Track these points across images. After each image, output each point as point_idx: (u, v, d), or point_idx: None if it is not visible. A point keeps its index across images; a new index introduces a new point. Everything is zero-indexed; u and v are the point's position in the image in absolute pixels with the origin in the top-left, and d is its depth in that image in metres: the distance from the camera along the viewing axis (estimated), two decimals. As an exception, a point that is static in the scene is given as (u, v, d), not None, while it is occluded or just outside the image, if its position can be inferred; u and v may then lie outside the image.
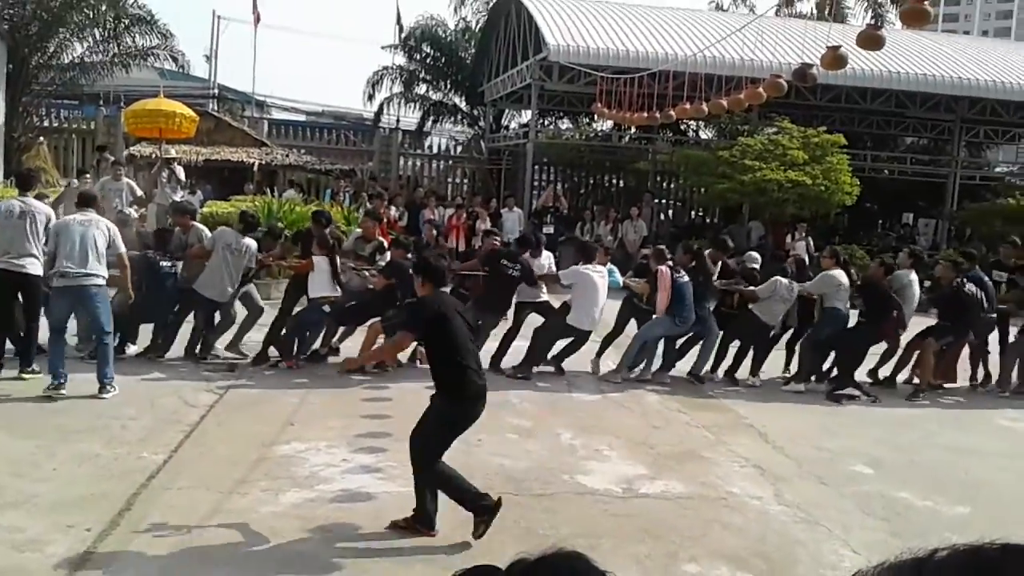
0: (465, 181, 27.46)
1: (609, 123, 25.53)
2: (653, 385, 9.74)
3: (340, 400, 8.25)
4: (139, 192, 13.66)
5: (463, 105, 29.38)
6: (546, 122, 27.50)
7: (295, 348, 9.48)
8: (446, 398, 5.29)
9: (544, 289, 10.21)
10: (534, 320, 10.19)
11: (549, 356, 9.93)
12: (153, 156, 18.55)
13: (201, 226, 10.06)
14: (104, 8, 24.99)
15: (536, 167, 23.58)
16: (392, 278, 9.24)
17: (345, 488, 5.96)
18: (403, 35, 29.11)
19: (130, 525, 5.10)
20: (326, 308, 9.41)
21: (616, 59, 18.82)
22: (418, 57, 29.01)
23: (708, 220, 26.00)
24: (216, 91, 31.54)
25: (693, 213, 26.83)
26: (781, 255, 10.59)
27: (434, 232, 16.49)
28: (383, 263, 9.84)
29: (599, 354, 10.10)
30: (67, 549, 4.72)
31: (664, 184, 26.32)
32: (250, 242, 9.50)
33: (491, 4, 26.89)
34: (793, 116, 20.42)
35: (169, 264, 9.29)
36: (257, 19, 31.29)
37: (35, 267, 7.99)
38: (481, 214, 17.37)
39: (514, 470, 6.54)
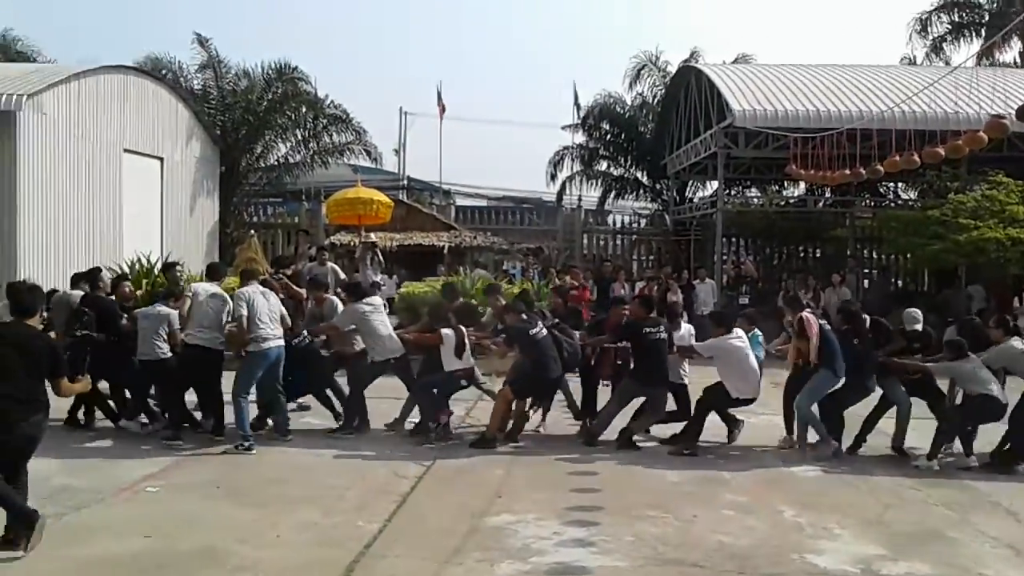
0: (651, 257, 27.16)
1: (802, 188, 24.70)
2: (821, 462, 8.74)
3: (545, 473, 8.07)
4: (342, 275, 14.27)
5: (645, 179, 29.32)
6: (732, 191, 26.93)
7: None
8: None
9: (686, 367, 9.69)
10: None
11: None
12: (352, 244, 19.53)
13: (334, 298, 10.34)
14: (304, 110, 27.02)
15: (725, 237, 23.01)
16: (513, 344, 9.30)
17: (559, 561, 5.74)
18: (582, 114, 29.59)
19: (350, 590, 5.09)
20: (464, 382, 9.34)
21: (807, 120, 18.15)
22: (597, 135, 29.33)
23: (918, 288, 24.15)
24: (405, 182, 33.15)
25: (900, 281, 25.08)
26: (1007, 320, 9.48)
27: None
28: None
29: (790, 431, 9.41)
30: (294, 614, 4.72)
31: (864, 251, 24.95)
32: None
33: (669, 77, 26.92)
34: (1007, 170, 18.87)
35: (300, 338, 9.55)
36: (442, 111, 32.89)
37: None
38: (672, 286, 17.00)
39: (736, 547, 6.10)
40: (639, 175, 29.40)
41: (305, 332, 9.63)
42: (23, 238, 16.69)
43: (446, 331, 9.24)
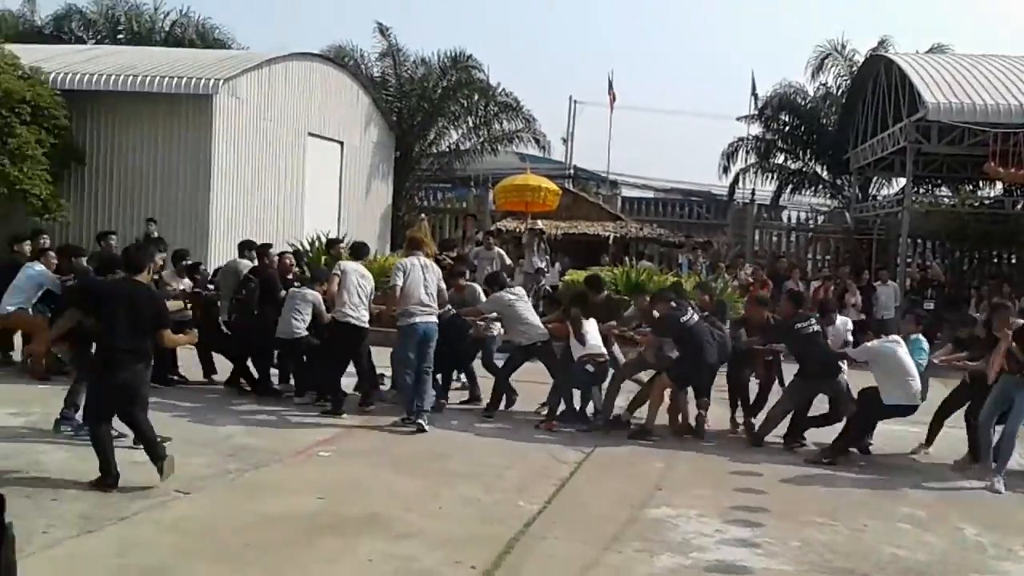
0: (827, 256, 25.99)
1: (999, 189, 22.95)
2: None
3: (707, 469, 7.86)
4: (508, 261, 14.45)
5: (824, 174, 28.08)
6: (921, 189, 25.36)
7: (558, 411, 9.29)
8: None
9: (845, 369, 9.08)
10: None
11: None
12: (517, 230, 19.72)
13: (475, 285, 10.49)
14: (476, 97, 27.52)
15: (910, 238, 21.71)
16: (665, 334, 9.11)
17: (721, 559, 5.57)
18: (759, 105, 28.63)
19: (511, 568, 5.15)
20: (590, 367, 9.08)
21: (1009, 115, 16.80)
22: (775, 126, 28.31)
23: None
24: (572, 171, 33.14)
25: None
26: None
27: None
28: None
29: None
30: (456, 583, 4.81)
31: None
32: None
33: (856, 67, 25.63)
34: None
35: (446, 309, 9.55)
36: (612, 101, 32.63)
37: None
38: (850, 286, 16.17)
39: (911, 561, 5.74)
40: (818, 169, 28.19)
41: (450, 306, 9.68)
42: (215, 211, 17.89)
43: (574, 320, 9.17)
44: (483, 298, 10.00)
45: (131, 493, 5.98)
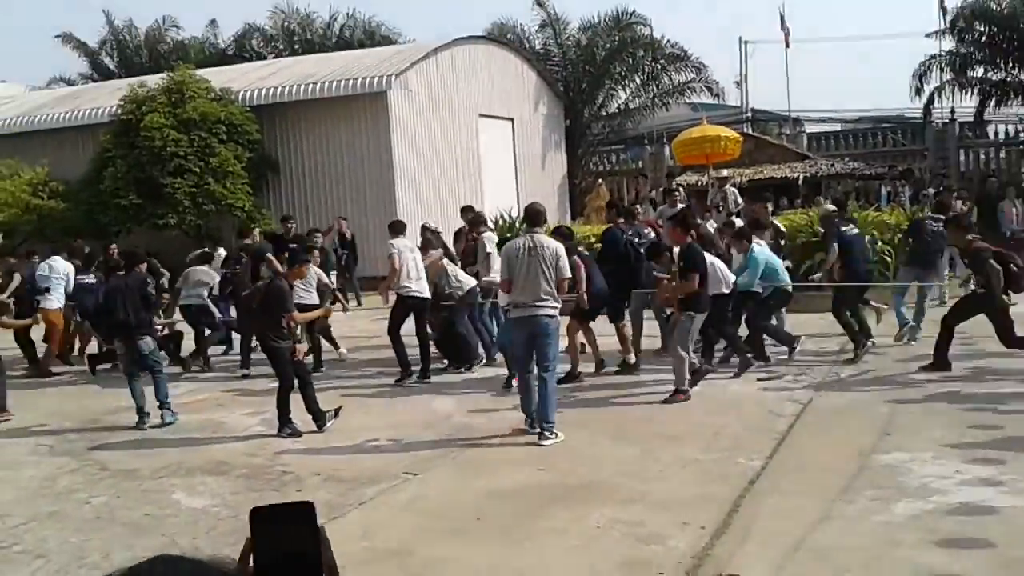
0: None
1: None
2: None
3: (938, 411, 7.39)
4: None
5: (1034, 81, 25.54)
6: None
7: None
8: None
9: None
10: None
11: None
12: (699, 183, 19.25)
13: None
14: (641, 54, 26.98)
15: None
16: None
17: (964, 501, 5.26)
18: (949, 18, 26.37)
19: (741, 527, 5.06)
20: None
21: None
22: (969, 38, 25.98)
23: None
24: (749, 114, 31.90)
25: None
26: None
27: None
28: None
29: None
30: (687, 545, 4.79)
31: None
32: None
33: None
34: None
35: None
36: (787, 36, 31.13)
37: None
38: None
39: None
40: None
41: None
42: (401, 199, 18.64)
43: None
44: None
45: (364, 479, 6.32)
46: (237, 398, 9.41)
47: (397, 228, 10.34)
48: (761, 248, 9.62)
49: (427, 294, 9.74)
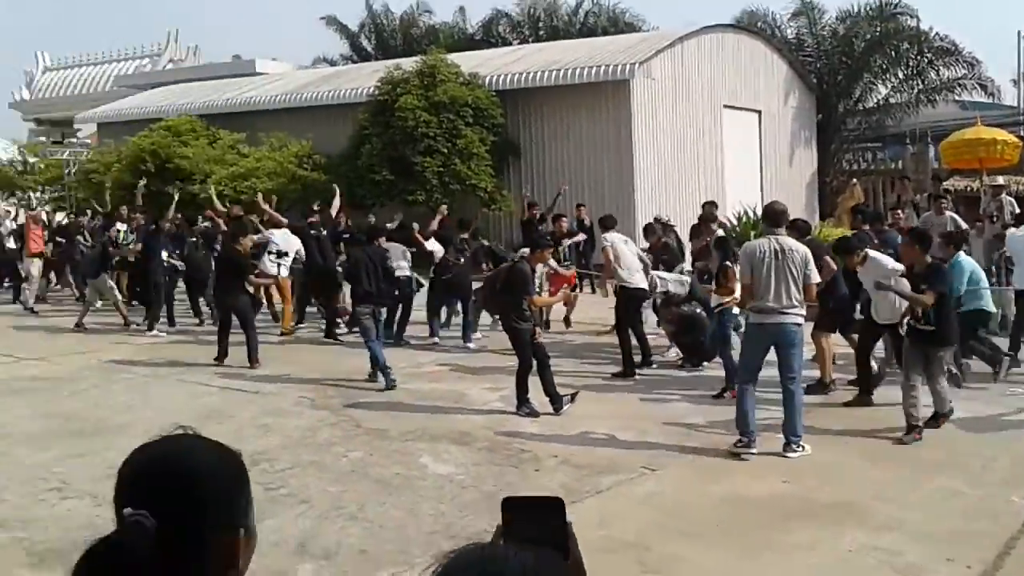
0: None
1: None
2: None
3: None
4: (963, 224, 12.97)
5: None
6: None
7: None
8: None
9: None
10: None
11: None
12: (968, 189, 17.73)
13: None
14: (906, 46, 25.19)
15: None
16: None
17: None
18: None
19: (1013, 571, 4.63)
20: None
21: None
22: None
23: None
24: (1028, 116, 28.90)
25: None
26: None
27: None
28: None
29: None
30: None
31: None
32: None
33: None
34: None
35: None
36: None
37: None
38: None
39: None
40: None
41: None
42: (639, 189, 18.53)
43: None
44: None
45: (600, 468, 6.33)
46: (476, 372, 9.74)
47: (608, 223, 10.40)
48: (968, 258, 9.16)
49: (645, 285, 9.77)
